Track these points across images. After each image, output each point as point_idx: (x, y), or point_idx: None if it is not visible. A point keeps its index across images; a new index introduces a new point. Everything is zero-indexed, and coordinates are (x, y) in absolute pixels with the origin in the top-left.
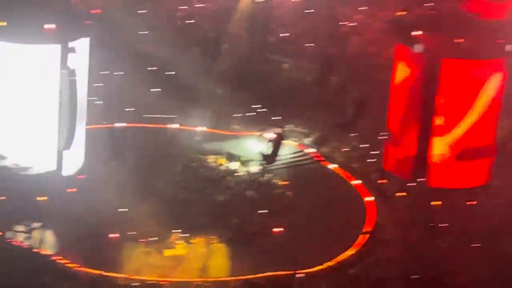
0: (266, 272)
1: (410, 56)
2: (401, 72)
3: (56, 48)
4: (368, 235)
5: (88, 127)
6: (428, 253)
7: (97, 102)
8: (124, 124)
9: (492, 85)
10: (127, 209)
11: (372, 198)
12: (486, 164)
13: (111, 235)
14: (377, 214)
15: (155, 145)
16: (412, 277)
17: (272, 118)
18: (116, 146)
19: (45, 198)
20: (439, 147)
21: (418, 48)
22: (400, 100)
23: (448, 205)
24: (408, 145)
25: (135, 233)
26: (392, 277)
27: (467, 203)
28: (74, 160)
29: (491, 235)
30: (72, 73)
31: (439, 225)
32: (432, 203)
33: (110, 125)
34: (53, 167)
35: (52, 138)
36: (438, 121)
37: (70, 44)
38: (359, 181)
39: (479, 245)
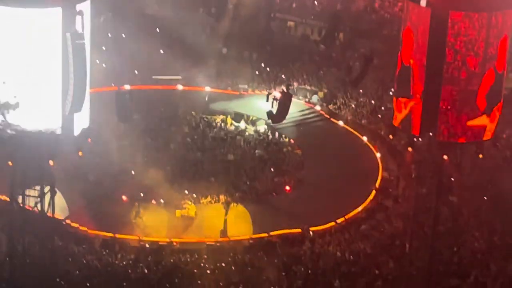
0: (278, 230)
1: (418, 11)
2: (409, 27)
3: (60, 11)
4: (378, 191)
5: (95, 90)
6: (439, 207)
7: (104, 65)
8: (130, 87)
9: (498, 38)
10: (136, 171)
11: (381, 154)
12: (494, 117)
13: (121, 197)
14: (387, 170)
15: (162, 107)
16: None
17: (279, 76)
18: (123, 108)
19: (55, 161)
20: (449, 101)
21: (424, 2)
22: (408, 55)
23: (457, 159)
24: (417, 100)
25: (145, 194)
26: (401, 233)
27: (479, 155)
28: (83, 123)
29: (497, 187)
30: (80, 36)
31: (450, 179)
32: (442, 157)
33: (117, 88)
34: (63, 130)
35: (62, 101)
36: (448, 75)
37: (77, 7)
38: (369, 138)
39: (486, 198)
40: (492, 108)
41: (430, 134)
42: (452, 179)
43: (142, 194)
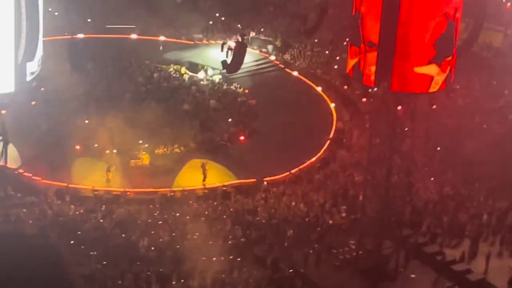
0: (232, 180)
1: None
2: None
3: None
4: (332, 141)
5: (49, 38)
6: (392, 157)
7: (56, 13)
8: (84, 35)
9: None
10: (90, 121)
11: (335, 105)
12: (445, 69)
13: (75, 147)
14: (341, 120)
15: (116, 56)
16: (376, 181)
17: (234, 26)
18: (76, 57)
19: (7, 111)
20: (402, 52)
21: None
22: (361, 2)
23: (410, 109)
24: (372, 51)
25: (98, 144)
26: (354, 182)
27: (432, 107)
28: (36, 72)
29: (451, 138)
30: None
31: (403, 129)
32: (396, 107)
33: (70, 37)
34: (15, 79)
35: (15, 50)
36: (402, 27)
37: None
38: (323, 88)
39: (439, 148)
40: (443, 58)
41: (385, 84)
42: (406, 129)
43: (95, 144)
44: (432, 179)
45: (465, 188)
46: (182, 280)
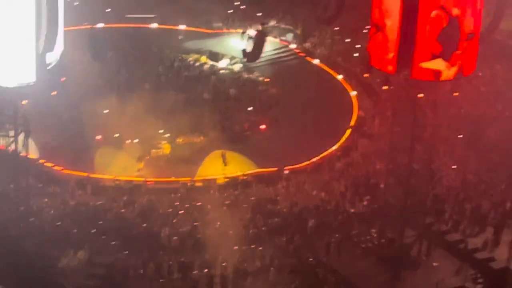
0: (253, 169)
1: None
2: None
3: None
4: (354, 129)
5: (69, 28)
6: (414, 145)
7: (76, 3)
8: (104, 25)
9: None
10: (110, 111)
11: (357, 93)
12: (454, 62)
13: (96, 137)
14: (362, 108)
15: (136, 45)
16: (397, 169)
17: (254, 14)
18: (96, 47)
19: (28, 101)
20: (423, 40)
21: None
22: None
23: (432, 97)
24: (393, 39)
25: (119, 134)
26: (376, 171)
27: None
28: (56, 62)
29: (473, 125)
30: None
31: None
32: (417, 95)
33: (91, 26)
34: (36, 69)
35: (36, 41)
36: (423, 16)
37: None
38: (344, 76)
39: (461, 136)
40: (451, 52)
41: (405, 72)
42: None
43: (116, 134)
44: (454, 167)
45: (487, 176)
46: (205, 270)
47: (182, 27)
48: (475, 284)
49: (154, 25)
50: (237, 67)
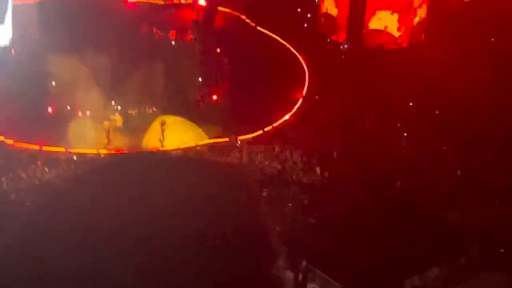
0: (206, 139)
1: None
2: None
3: None
4: (305, 99)
5: (18, 1)
6: (365, 112)
7: None
8: None
9: None
10: (61, 83)
11: (307, 62)
12: (421, 24)
13: (47, 109)
14: (313, 77)
15: (88, 17)
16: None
17: None
18: (47, 19)
19: None
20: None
21: None
22: None
23: (384, 65)
24: (344, 8)
25: (70, 107)
26: (328, 140)
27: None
28: (5, 35)
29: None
30: None
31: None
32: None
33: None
34: None
35: None
36: None
37: None
38: (295, 45)
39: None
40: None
41: (356, 40)
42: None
43: (67, 106)
44: (405, 134)
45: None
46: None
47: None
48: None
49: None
50: (188, 37)
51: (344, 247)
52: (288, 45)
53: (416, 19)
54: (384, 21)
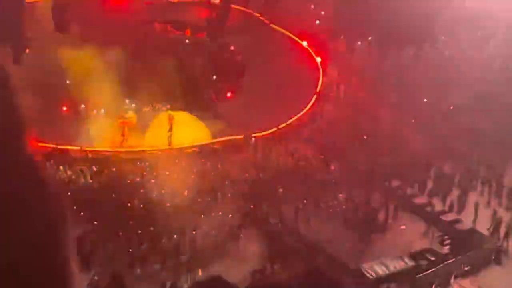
0: (220, 137)
1: None
2: None
3: None
4: (319, 96)
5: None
6: (378, 110)
7: None
8: None
9: None
10: (75, 81)
11: (321, 59)
12: None
13: (62, 108)
14: (327, 75)
15: (100, 17)
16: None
17: None
18: (61, 18)
19: None
20: None
21: None
22: None
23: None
24: None
25: (84, 106)
26: (342, 136)
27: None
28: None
29: (437, 89)
30: None
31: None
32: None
33: None
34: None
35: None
36: None
37: None
38: (309, 42)
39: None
40: None
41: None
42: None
43: (81, 105)
44: (419, 130)
45: (452, 139)
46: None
47: None
48: (442, 246)
49: None
50: (202, 35)
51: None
52: (301, 42)
53: None
54: None
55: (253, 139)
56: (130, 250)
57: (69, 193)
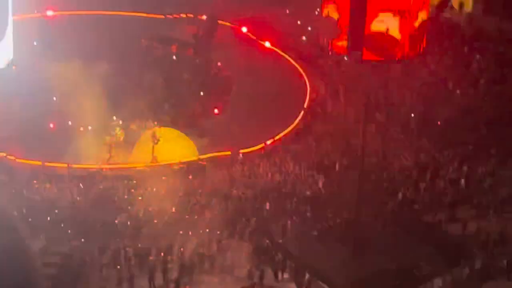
0: (207, 153)
1: None
2: None
3: None
4: (307, 111)
5: (19, 17)
6: (367, 126)
7: None
8: (54, 12)
9: None
10: (62, 98)
11: (309, 75)
12: (419, 37)
13: (49, 125)
14: (315, 90)
15: (88, 33)
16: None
17: None
18: (47, 35)
19: None
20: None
21: None
22: None
23: (383, 78)
24: (345, 12)
25: (71, 122)
26: (331, 152)
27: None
28: (6, 52)
29: (424, 104)
30: None
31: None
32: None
33: (40, 14)
34: None
35: None
36: None
37: None
38: (296, 59)
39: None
40: None
41: (358, 52)
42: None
43: (69, 122)
44: (407, 146)
45: (440, 154)
46: (161, 255)
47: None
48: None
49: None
50: (189, 51)
51: (346, 259)
52: (288, 58)
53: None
54: (386, 23)
55: (241, 155)
56: (118, 267)
57: (56, 211)
